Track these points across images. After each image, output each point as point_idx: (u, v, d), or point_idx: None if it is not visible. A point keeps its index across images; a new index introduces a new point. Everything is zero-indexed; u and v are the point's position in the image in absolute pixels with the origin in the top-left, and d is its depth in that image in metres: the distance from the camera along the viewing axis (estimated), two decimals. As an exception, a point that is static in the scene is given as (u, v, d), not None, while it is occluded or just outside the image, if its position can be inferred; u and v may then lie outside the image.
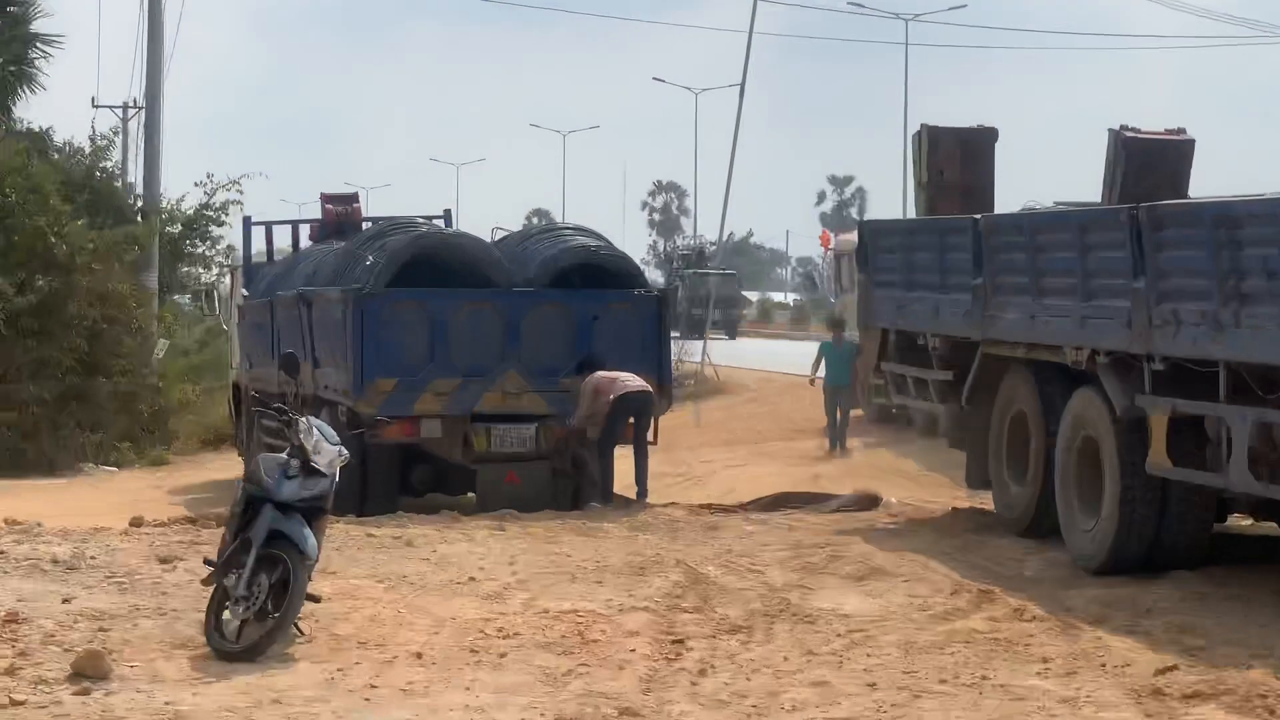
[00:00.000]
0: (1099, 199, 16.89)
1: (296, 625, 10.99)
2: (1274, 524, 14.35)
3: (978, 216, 16.09)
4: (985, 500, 16.86)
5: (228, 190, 35.64)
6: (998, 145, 18.69)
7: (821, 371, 25.80)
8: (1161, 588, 12.97)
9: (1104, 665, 10.58)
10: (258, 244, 25.51)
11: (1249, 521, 14.69)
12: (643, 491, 18.52)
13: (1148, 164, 16.67)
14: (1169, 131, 17.20)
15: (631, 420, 18.02)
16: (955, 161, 18.45)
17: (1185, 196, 15.74)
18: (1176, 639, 11.29)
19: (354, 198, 24.50)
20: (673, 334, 20.59)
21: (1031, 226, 15.19)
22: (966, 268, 15.88)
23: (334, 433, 11.59)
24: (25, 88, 34.96)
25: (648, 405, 18.09)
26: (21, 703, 9.42)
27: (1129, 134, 16.83)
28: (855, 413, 27.31)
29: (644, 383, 17.99)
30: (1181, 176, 16.83)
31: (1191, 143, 17.12)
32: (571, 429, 18.20)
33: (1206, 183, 17.23)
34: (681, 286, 51.53)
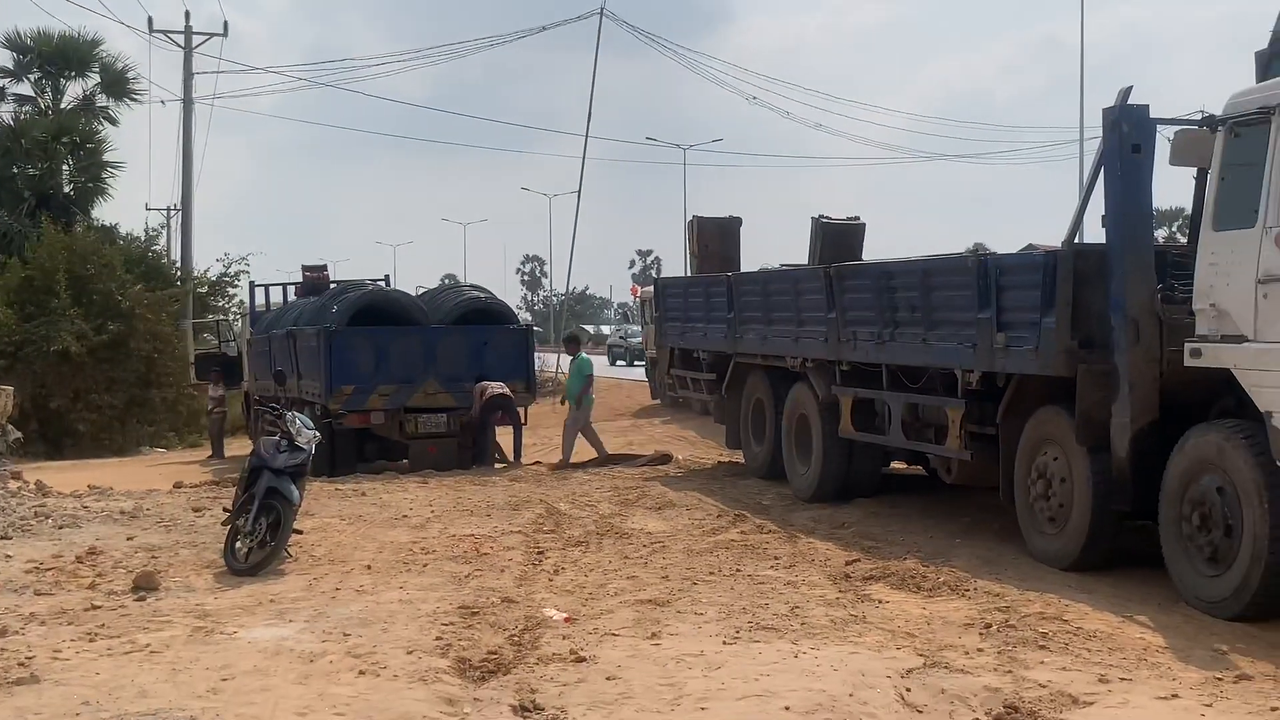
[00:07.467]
0: (806, 261, 17.64)
1: (286, 550, 11.34)
2: (920, 468, 15.53)
3: (729, 275, 17.30)
4: (738, 456, 18.18)
5: (239, 263, 41.09)
6: (743, 229, 19.70)
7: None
8: (850, 510, 13.96)
9: (813, 560, 11.27)
10: (260, 299, 27.05)
11: (903, 465, 15.85)
12: (518, 456, 19.84)
13: (836, 239, 17.79)
14: (849, 218, 18.21)
15: (501, 412, 19.26)
16: (715, 239, 19.41)
17: (860, 260, 16.73)
18: (859, 541, 12.07)
19: (324, 268, 25.28)
20: (535, 353, 21.30)
21: (764, 280, 16.43)
22: (723, 307, 16.99)
23: (310, 422, 12.00)
24: (100, 198, 41.59)
25: (507, 401, 19.28)
26: (99, 607, 9.74)
27: (824, 220, 17.91)
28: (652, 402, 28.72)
29: (504, 388, 19.07)
30: (858, 247, 18.02)
31: (863, 225, 18.15)
32: (470, 418, 19.29)
33: (876, 250, 18.12)
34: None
